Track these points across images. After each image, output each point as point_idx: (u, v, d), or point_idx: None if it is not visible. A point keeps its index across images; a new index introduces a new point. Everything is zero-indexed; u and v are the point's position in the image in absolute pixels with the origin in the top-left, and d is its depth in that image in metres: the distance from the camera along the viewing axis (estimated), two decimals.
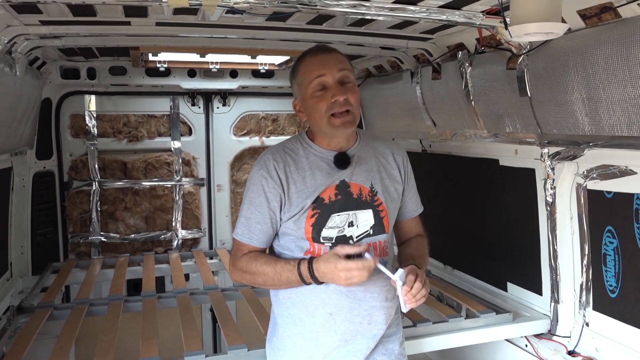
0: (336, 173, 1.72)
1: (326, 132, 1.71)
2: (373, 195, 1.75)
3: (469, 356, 2.88)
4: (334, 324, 1.72)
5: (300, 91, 1.73)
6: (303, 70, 1.72)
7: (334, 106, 1.65)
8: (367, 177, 1.76)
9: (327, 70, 1.67)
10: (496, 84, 2.43)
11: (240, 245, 1.76)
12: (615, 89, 1.83)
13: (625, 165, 2.08)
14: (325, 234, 1.69)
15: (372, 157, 1.81)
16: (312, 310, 1.72)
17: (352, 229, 1.71)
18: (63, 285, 3.22)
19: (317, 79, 1.67)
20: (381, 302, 1.75)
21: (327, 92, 1.66)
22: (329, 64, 1.68)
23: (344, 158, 1.73)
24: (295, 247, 1.72)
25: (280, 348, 1.81)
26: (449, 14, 1.99)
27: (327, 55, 1.71)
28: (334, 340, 1.73)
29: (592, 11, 1.83)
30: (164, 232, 4.04)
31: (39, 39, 2.48)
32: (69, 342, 2.28)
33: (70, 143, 3.79)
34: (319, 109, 1.66)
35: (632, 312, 2.13)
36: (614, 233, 2.18)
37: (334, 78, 1.67)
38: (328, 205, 1.69)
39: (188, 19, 2.27)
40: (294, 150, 1.76)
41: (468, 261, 3.27)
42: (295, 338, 1.77)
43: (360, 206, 1.73)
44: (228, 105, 4.11)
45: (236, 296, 2.98)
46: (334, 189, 1.71)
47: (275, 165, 1.71)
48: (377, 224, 1.75)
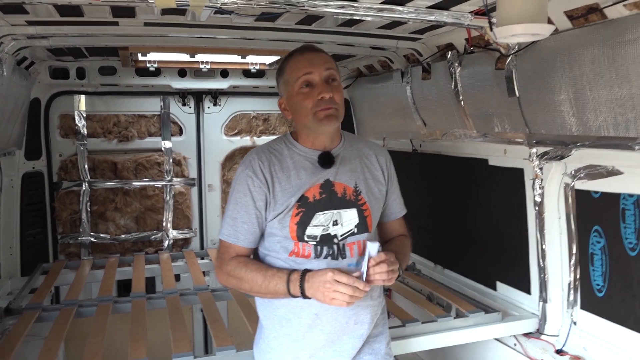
0: (320, 172, 1.74)
1: (311, 129, 1.73)
2: (357, 195, 1.77)
3: (458, 355, 2.89)
4: (320, 324, 1.72)
5: (287, 89, 1.75)
6: (290, 68, 1.74)
7: (320, 104, 1.67)
8: (351, 177, 1.77)
9: (314, 69, 1.69)
10: (485, 84, 2.44)
11: (227, 247, 1.75)
12: (602, 90, 1.84)
13: (612, 165, 2.09)
14: (309, 232, 1.69)
15: (356, 157, 1.83)
16: (297, 310, 1.72)
17: (336, 228, 1.72)
18: (52, 286, 3.21)
19: (304, 77, 1.69)
20: (367, 301, 1.75)
21: (313, 89, 1.68)
22: (316, 62, 1.71)
23: (328, 157, 1.75)
24: (280, 247, 1.72)
25: (266, 350, 1.81)
26: (437, 15, 2.00)
27: (314, 54, 1.74)
28: (320, 340, 1.73)
29: (578, 12, 1.85)
30: (155, 233, 4.02)
31: (26, 39, 2.46)
32: (57, 343, 2.26)
33: (60, 143, 3.77)
34: (305, 105, 1.69)
35: (619, 311, 2.14)
36: (601, 233, 2.20)
37: (320, 76, 1.69)
38: (312, 204, 1.70)
39: (177, 19, 2.26)
40: (278, 150, 1.78)
41: (458, 260, 3.28)
42: (282, 339, 1.77)
43: (344, 205, 1.74)
44: (219, 105, 4.10)
45: (226, 297, 2.97)
46: (318, 188, 1.72)
47: (260, 164, 1.72)
48: (361, 223, 1.76)
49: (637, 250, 2.03)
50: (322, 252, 1.70)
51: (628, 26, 1.68)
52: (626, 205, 2.07)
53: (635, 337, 2.07)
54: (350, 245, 1.73)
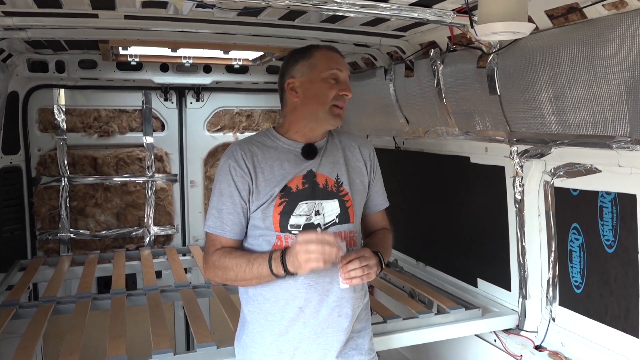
0: (303, 163, 1.76)
1: (317, 119, 1.76)
2: (339, 186, 1.79)
3: (439, 351, 2.91)
4: (303, 317, 1.73)
5: (310, 72, 1.75)
6: (321, 57, 1.77)
7: (339, 99, 1.74)
8: (333, 169, 1.80)
9: (343, 68, 1.78)
10: (467, 82, 2.45)
11: (213, 240, 1.75)
12: (581, 89, 1.86)
13: (590, 163, 2.12)
14: (293, 221, 1.71)
15: (339, 150, 1.86)
16: (282, 305, 1.73)
17: (318, 217, 1.74)
18: (30, 282, 3.15)
19: (336, 70, 1.75)
20: (349, 293, 1.76)
21: (338, 84, 1.75)
22: (343, 64, 1.80)
23: (311, 149, 1.78)
24: (263, 241, 1.73)
25: (249, 345, 1.81)
26: (420, 12, 2.00)
27: (339, 56, 1.82)
28: (304, 333, 1.74)
29: (559, 11, 1.86)
30: (136, 229, 3.98)
31: (3, 30, 2.41)
32: (34, 340, 2.22)
33: (39, 138, 3.70)
34: (327, 94, 1.73)
35: (596, 307, 2.18)
36: (580, 230, 2.23)
37: (345, 77, 1.78)
38: (295, 194, 1.73)
39: (158, 12, 2.23)
40: (261, 142, 1.80)
41: (439, 257, 3.30)
42: (265, 334, 1.77)
43: (326, 196, 1.76)
44: (202, 100, 4.07)
45: (208, 293, 2.95)
46: (301, 178, 1.74)
47: (243, 155, 1.73)
48: (342, 214, 1.78)
49: (614, 248, 2.06)
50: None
51: (606, 26, 1.70)
52: (604, 203, 2.09)
53: (612, 333, 2.10)
54: None
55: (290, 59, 1.82)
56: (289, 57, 1.84)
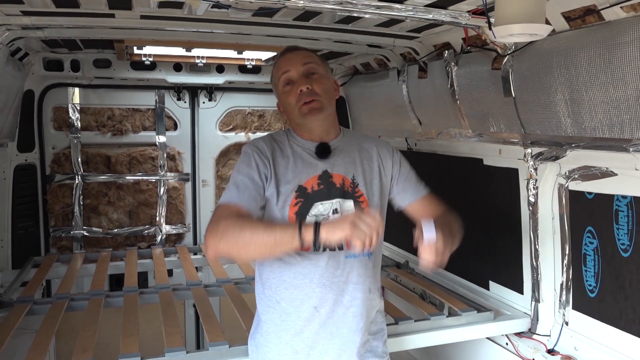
0: (318, 163, 1.77)
1: (301, 124, 1.79)
2: (354, 187, 1.78)
3: (450, 354, 2.90)
4: (318, 317, 1.73)
5: (276, 92, 1.83)
6: (274, 71, 1.83)
7: (301, 97, 1.73)
8: (349, 169, 1.79)
9: (291, 66, 1.76)
10: (481, 83, 2.44)
11: (226, 208, 1.64)
12: (598, 91, 1.85)
13: (606, 166, 2.10)
14: (308, 221, 1.65)
15: (355, 150, 1.85)
16: (297, 304, 1.73)
17: (336, 217, 1.71)
18: (44, 279, 3.18)
19: (283, 75, 1.77)
20: (364, 293, 1.76)
21: (294, 86, 1.75)
22: (294, 60, 1.78)
23: (325, 148, 1.78)
24: None
25: (264, 344, 1.81)
26: (435, 13, 2.00)
27: (292, 53, 1.81)
28: (319, 333, 1.74)
29: (576, 13, 1.85)
30: (148, 227, 4.00)
31: (20, 29, 2.43)
32: (48, 337, 2.25)
33: (53, 136, 3.74)
34: (289, 102, 1.76)
35: (611, 311, 2.16)
36: (594, 233, 2.21)
37: (298, 72, 1.75)
38: (311, 195, 1.72)
39: (174, 12, 2.24)
40: (279, 140, 1.83)
41: (451, 259, 3.24)
42: (281, 333, 1.77)
43: (343, 195, 1.76)
44: (214, 100, 4.08)
45: (219, 292, 2.96)
46: (316, 179, 1.74)
47: (264, 146, 1.77)
48: None
49: (630, 252, 2.04)
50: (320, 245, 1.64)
51: (624, 28, 1.69)
52: (619, 207, 2.08)
53: (626, 338, 2.08)
54: None
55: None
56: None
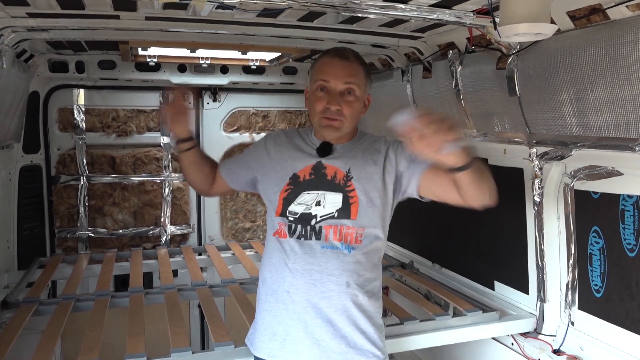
0: (315, 157, 1.85)
1: (315, 127, 1.89)
2: (347, 180, 1.80)
3: (455, 354, 2.89)
4: (292, 303, 1.76)
5: (310, 83, 1.86)
6: (317, 67, 1.84)
7: (327, 111, 1.77)
8: (347, 162, 1.82)
9: (332, 79, 1.77)
10: (486, 83, 2.43)
11: None
12: (603, 91, 1.84)
13: (611, 166, 2.09)
14: (292, 208, 1.79)
15: (360, 148, 1.88)
16: (275, 287, 1.80)
17: (318, 208, 1.77)
18: (49, 280, 3.19)
19: (321, 81, 1.79)
20: (340, 286, 1.74)
21: (326, 96, 1.78)
22: (338, 73, 1.78)
23: (326, 148, 1.85)
24: (271, 225, 1.86)
25: (253, 325, 1.94)
26: (439, 13, 2.00)
27: (341, 63, 1.79)
28: (294, 320, 1.76)
29: (581, 12, 1.85)
30: (153, 228, 4.01)
31: (26, 31, 2.45)
32: (55, 337, 2.26)
33: (58, 137, 3.75)
34: (315, 107, 1.80)
35: (617, 311, 2.15)
36: (600, 233, 2.20)
37: (336, 87, 1.77)
38: (301, 183, 1.81)
39: (178, 13, 2.25)
40: (299, 134, 1.97)
41: (456, 260, 3.28)
42: (264, 314, 1.85)
43: (331, 188, 1.79)
44: (218, 101, 4.09)
45: (224, 292, 2.97)
46: (310, 169, 1.82)
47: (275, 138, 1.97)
48: (343, 209, 1.77)
49: (636, 251, 2.03)
50: (295, 232, 1.77)
51: (630, 27, 1.68)
52: (625, 206, 2.07)
53: (632, 338, 2.08)
54: (326, 228, 1.76)
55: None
56: None
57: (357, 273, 1.78)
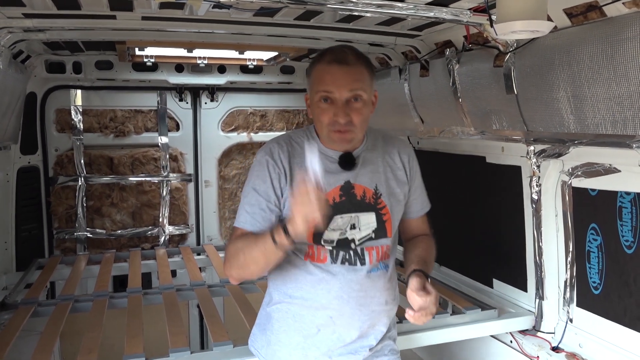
0: (340, 174, 1.67)
1: (325, 138, 1.69)
2: (377, 198, 1.70)
3: (454, 352, 2.89)
4: (333, 325, 1.69)
5: (310, 92, 1.68)
6: (315, 74, 1.64)
7: (335, 124, 1.60)
8: (372, 179, 1.71)
9: (336, 89, 1.58)
10: (483, 81, 2.43)
11: (237, 232, 1.66)
12: (600, 88, 1.84)
13: (609, 163, 2.10)
14: (327, 236, 1.64)
15: (379, 157, 1.76)
16: (312, 311, 1.68)
17: (354, 232, 1.66)
18: (48, 281, 3.19)
19: (323, 93, 1.60)
20: (381, 305, 1.73)
21: (331, 106, 1.59)
22: (341, 82, 1.58)
23: (349, 159, 1.68)
24: (296, 250, 1.64)
25: (274, 342, 1.77)
26: (436, 11, 1.99)
27: (342, 70, 1.59)
28: (333, 339, 1.70)
29: (578, 9, 1.84)
30: (151, 228, 4.01)
31: (22, 32, 2.44)
32: (53, 338, 2.25)
33: (56, 138, 3.75)
34: (321, 119, 1.62)
35: (615, 308, 2.15)
36: (598, 230, 2.20)
37: (341, 97, 1.59)
38: (332, 207, 1.60)
39: (175, 13, 2.24)
40: (299, 143, 1.70)
41: (455, 258, 3.28)
42: (292, 334, 1.72)
43: (363, 208, 1.68)
44: (216, 100, 4.09)
45: (223, 292, 2.96)
46: (338, 190, 1.66)
47: (280, 153, 1.66)
48: (379, 228, 1.70)
49: (634, 248, 2.03)
50: (338, 257, 1.65)
51: (627, 24, 1.68)
52: (623, 203, 2.07)
53: (631, 335, 2.08)
54: (369, 250, 1.68)
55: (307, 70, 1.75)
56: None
57: (392, 288, 1.78)
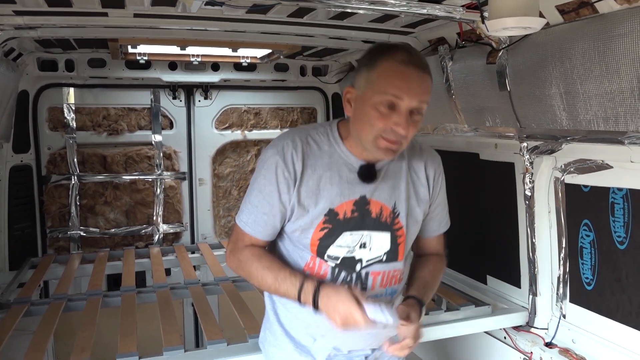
0: (357, 186, 1.54)
1: (364, 145, 1.51)
2: (394, 217, 1.59)
3: (449, 348, 2.90)
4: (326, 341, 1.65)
5: (365, 89, 1.48)
6: (383, 72, 1.45)
7: (390, 133, 1.45)
8: (391, 196, 1.58)
9: (407, 96, 1.43)
10: (476, 78, 2.44)
11: (242, 234, 1.60)
12: (592, 84, 1.85)
13: (601, 159, 2.10)
14: (331, 252, 1.55)
15: (402, 171, 1.62)
16: (306, 324, 1.63)
17: (363, 252, 1.56)
18: (41, 280, 3.17)
19: (391, 97, 1.43)
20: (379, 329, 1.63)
21: (392, 114, 1.44)
22: (415, 89, 1.44)
23: (370, 172, 1.55)
24: (297, 254, 1.60)
25: (273, 344, 1.75)
26: (429, 8, 1.99)
27: (418, 75, 1.46)
28: (328, 348, 1.66)
29: (570, 6, 1.85)
30: (145, 227, 3.99)
31: (13, 29, 2.43)
32: (46, 337, 2.24)
33: (49, 136, 3.72)
34: (373, 124, 1.45)
35: (608, 304, 2.16)
36: (591, 226, 2.21)
37: (408, 106, 1.44)
38: (341, 222, 1.53)
39: (167, 10, 2.23)
40: (318, 142, 1.57)
41: (449, 255, 3.28)
42: (288, 339, 1.69)
43: (377, 227, 1.57)
44: (210, 98, 4.07)
45: (217, 291, 2.96)
46: (351, 205, 1.54)
47: (293, 153, 1.52)
48: (392, 250, 1.59)
49: (626, 244, 2.05)
50: (339, 277, 1.56)
51: (618, 20, 1.69)
52: (615, 199, 2.08)
53: (623, 330, 2.09)
54: (374, 275, 1.58)
55: (360, 61, 1.56)
56: (362, 56, 1.56)
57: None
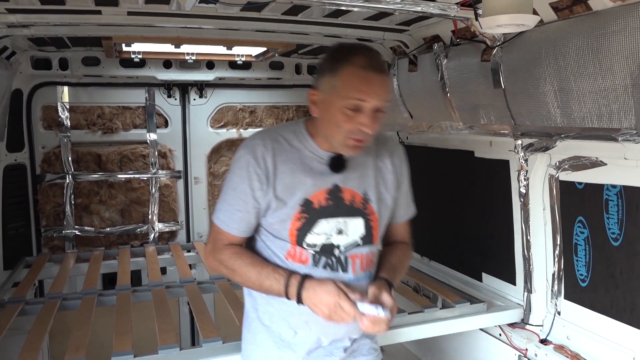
0: (328, 176, 1.62)
1: (332, 142, 1.60)
2: (365, 203, 1.67)
3: (444, 346, 2.91)
4: (308, 330, 1.68)
5: (330, 94, 1.54)
6: (345, 77, 1.52)
7: (357, 133, 1.53)
8: (361, 184, 1.67)
9: (371, 98, 1.51)
10: (471, 75, 2.44)
11: (220, 233, 1.66)
12: (586, 81, 1.85)
13: (595, 156, 2.11)
14: (310, 240, 1.61)
15: (370, 160, 1.71)
16: (289, 314, 1.66)
17: (340, 237, 1.63)
18: (36, 279, 3.16)
19: (356, 101, 1.51)
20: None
21: (358, 115, 1.52)
22: (376, 91, 1.52)
23: (340, 162, 1.63)
24: (277, 246, 1.64)
25: (251, 341, 1.78)
26: (423, 6, 1.99)
27: (377, 77, 1.53)
28: (309, 342, 1.70)
29: (564, 3, 1.85)
30: (140, 225, 3.98)
31: (6, 27, 2.41)
32: (41, 337, 2.23)
33: (43, 135, 3.71)
34: (341, 126, 1.53)
35: (602, 300, 2.17)
36: (585, 223, 2.22)
37: (372, 107, 1.52)
38: (317, 211, 1.60)
39: (161, 8, 2.23)
40: (288, 139, 1.64)
41: (444, 252, 3.30)
42: (268, 335, 1.72)
43: (351, 213, 1.64)
44: (205, 97, 4.07)
45: (213, 289, 2.96)
46: (325, 194, 1.61)
47: (264, 151, 1.59)
48: (366, 235, 1.67)
49: (620, 241, 2.05)
50: (320, 262, 1.62)
51: (612, 18, 1.69)
52: (609, 196, 2.09)
53: (618, 326, 2.10)
54: (352, 258, 1.65)
55: (322, 65, 1.62)
56: (322, 60, 1.64)
57: None
